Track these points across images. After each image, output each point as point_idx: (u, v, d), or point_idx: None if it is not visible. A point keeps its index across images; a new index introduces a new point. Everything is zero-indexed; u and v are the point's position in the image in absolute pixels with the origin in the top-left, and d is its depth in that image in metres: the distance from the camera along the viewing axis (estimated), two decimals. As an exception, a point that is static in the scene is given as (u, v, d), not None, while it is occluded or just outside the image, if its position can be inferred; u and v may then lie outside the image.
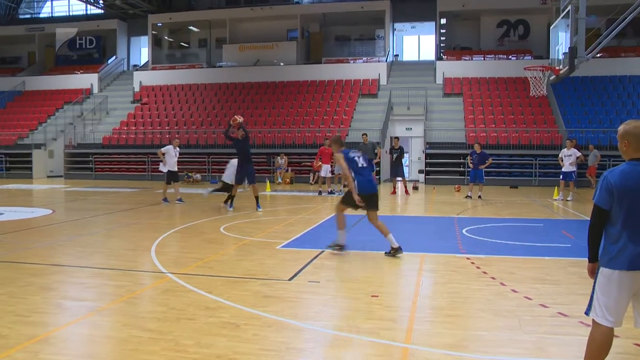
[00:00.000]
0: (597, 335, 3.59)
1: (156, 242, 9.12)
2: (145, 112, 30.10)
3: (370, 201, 7.96)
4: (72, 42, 36.55)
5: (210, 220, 11.99)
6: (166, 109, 30.02)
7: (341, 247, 8.21)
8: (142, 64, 36.48)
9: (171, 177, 15.33)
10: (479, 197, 16.98)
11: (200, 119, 28.32)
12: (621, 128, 3.60)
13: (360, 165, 8.02)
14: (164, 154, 15.22)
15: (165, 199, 15.41)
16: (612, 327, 3.54)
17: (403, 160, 19.02)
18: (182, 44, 36.60)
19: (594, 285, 3.62)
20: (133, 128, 28.74)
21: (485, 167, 17.10)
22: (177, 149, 15.43)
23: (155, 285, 6.42)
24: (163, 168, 15.36)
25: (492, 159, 17.77)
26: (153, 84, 32.50)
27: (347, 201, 8.07)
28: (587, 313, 3.68)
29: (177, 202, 15.27)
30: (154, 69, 33.84)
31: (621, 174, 3.49)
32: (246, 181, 13.56)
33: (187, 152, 26.13)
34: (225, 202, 14.05)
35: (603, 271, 3.54)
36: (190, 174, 24.55)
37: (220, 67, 33.08)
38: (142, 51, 37.49)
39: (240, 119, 13.56)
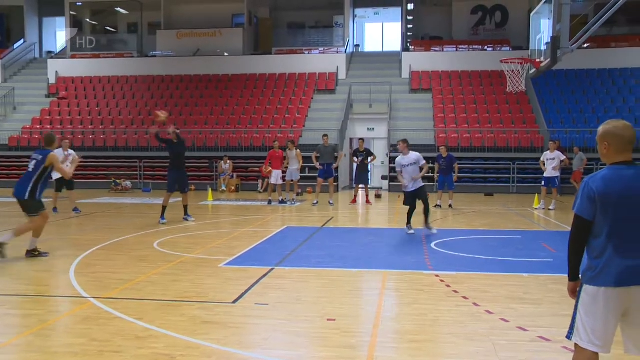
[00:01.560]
0: (580, 362, 3.62)
1: (75, 261, 8.91)
2: (63, 108, 29.41)
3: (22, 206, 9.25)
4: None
5: (141, 234, 11.83)
6: (89, 105, 29.39)
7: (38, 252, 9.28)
8: (58, 50, 35.61)
9: (62, 185, 15.71)
10: (450, 206, 17.31)
11: (130, 117, 27.85)
12: (600, 129, 3.68)
13: (29, 168, 9.10)
14: None
15: (76, 209, 15.76)
16: (599, 352, 3.56)
17: (370, 165, 19.27)
18: (108, 28, 35.89)
19: (576, 305, 3.65)
20: (48, 127, 27.96)
21: (457, 174, 17.48)
22: (70, 151, 15.61)
23: (74, 313, 6.27)
24: (55, 175, 15.20)
25: (467, 164, 18.08)
26: (72, 75, 31.77)
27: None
28: (568, 337, 3.71)
29: (73, 211, 15.57)
30: (73, 57, 33.06)
31: (603, 179, 3.55)
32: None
33: (114, 156, 25.74)
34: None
35: (587, 289, 3.58)
36: (118, 181, 24.10)
37: (154, 56, 32.60)
38: (58, 35, 36.59)
39: (163, 115, 13.83)
